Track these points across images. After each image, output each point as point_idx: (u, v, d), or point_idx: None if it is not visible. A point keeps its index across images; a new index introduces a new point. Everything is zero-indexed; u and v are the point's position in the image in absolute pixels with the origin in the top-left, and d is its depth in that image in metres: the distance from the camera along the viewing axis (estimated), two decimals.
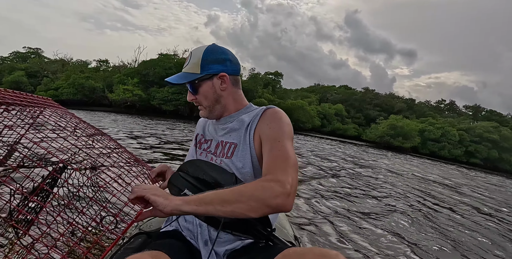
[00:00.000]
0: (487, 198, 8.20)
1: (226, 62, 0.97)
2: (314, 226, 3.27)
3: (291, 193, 0.74)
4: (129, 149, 5.79)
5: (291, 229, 1.40)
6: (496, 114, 49.81)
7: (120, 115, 22.81)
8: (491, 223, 4.98)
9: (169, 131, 13.05)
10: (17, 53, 45.03)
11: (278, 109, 0.97)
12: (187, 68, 0.97)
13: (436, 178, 10.81)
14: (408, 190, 6.88)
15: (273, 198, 0.71)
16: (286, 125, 0.91)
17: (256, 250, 0.87)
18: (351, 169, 8.90)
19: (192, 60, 0.96)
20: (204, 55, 0.95)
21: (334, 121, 43.14)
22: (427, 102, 59.44)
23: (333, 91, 57.81)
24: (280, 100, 34.66)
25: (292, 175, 0.77)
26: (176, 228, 1.01)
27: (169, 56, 34.24)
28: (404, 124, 34.65)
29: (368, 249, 2.91)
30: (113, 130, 10.59)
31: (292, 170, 0.79)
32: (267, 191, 0.72)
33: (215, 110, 1.00)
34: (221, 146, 0.99)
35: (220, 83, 0.96)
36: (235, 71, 1.00)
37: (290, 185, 0.74)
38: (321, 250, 0.64)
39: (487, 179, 16.82)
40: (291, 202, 0.74)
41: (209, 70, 0.95)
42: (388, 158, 17.86)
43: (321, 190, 5.16)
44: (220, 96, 0.98)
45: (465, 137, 35.98)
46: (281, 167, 0.79)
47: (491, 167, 34.89)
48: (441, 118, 43.22)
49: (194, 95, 0.99)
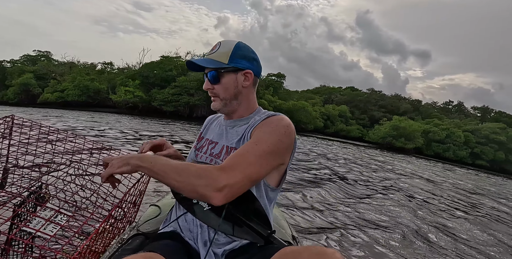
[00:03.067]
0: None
1: (254, 62, 0.98)
2: (312, 226, 3.25)
3: (223, 191, 0.75)
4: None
5: (289, 229, 1.41)
6: (506, 116, 48.71)
7: (121, 116, 23.29)
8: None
9: (167, 130, 13.33)
10: (28, 56, 46.30)
11: (282, 117, 0.94)
12: (214, 55, 0.95)
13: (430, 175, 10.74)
14: (408, 190, 6.85)
15: (202, 187, 0.75)
16: (278, 135, 0.88)
17: (253, 249, 0.88)
18: (338, 168, 8.94)
19: (222, 49, 0.95)
20: (236, 48, 0.95)
21: (337, 122, 42.94)
22: (434, 104, 58.61)
23: (338, 92, 57.55)
24: (281, 102, 34.73)
25: (238, 178, 0.78)
26: (174, 229, 1.01)
27: (170, 58, 34.77)
28: (406, 125, 34.26)
29: (367, 249, 2.89)
30: (111, 128, 10.91)
31: (241, 173, 0.79)
32: (202, 179, 0.76)
33: (231, 105, 0.99)
34: (224, 150, 0.98)
35: (243, 80, 0.97)
36: (258, 73, 1.01)
37: (226, 184, 0.76)
38: (318, 248, 0.64)
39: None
40: (218, 197, 0.75)
41: (237, 63, 0.94)
42: (385, 157, 17.73)
43: (317, 190, 5.10)
44: (239, 92, 0.98)
45: (471, 138, 35.36)
46: (234, 166, 0.80)
47: (498, 169, 34.15)
48: (447, 120, 42.56)
49: (212, 85, 0.97)
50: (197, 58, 1.07)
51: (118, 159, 0.83)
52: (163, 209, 1.34)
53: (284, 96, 38.22)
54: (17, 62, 45.25)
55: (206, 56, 0.98)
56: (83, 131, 9.16)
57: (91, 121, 14.41)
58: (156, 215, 1.28)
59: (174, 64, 33.04)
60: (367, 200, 5.01)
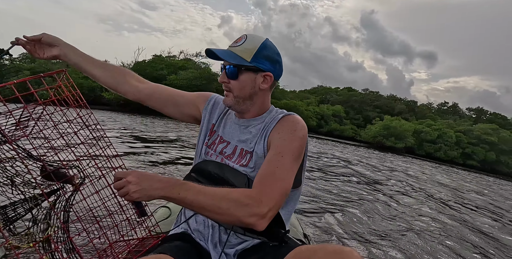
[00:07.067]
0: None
1: (277, 65, 0.94)
2: (324, 223, 3.20)
3: (267, 217, 0.74)
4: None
5: (300, 227, 1.40)
6: (500, 117, 48.82)
7: (112, 113, 23.69)
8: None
9: (147, 126, 13.67)
10: (26, 54, 46.76)
11: (296, 118, 0.93)
12: (237, 49, 0.90)
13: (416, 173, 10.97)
14: (413, 189, 6.93)
15: (247, 217, 0.73)
16: (297, 140, 0.87)
17: (266, 249, 0.87)
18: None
19: (247, 45, 0.90)
20: (261, 47, 0.90)
21: (331, 122, 43.19)
22: (429, 105, 58.80)
23: (335, 92, 57.81)
24: (274, 100, 34.90)
25: (277, 199, 0.77)
26: (185, 230, 0.99)
27: (161, 57, 35.27)
28: (397, 125, 34.55)
29: (384, 247, 2.83)
30: None
31: (278, 193, 0.78)
32: (244, 209, 0.73)
33: (243, 104, 0.95)
34: (237, 152, 0.96)
35: (262, 81, 0.92)
36: (278, 77, 0.96)
37: (269, 209, 0.74)
38: (334, 246, 0.63)
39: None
40: (264, 224, 0.74)
41: (260, 64, 0.90)
42: (369, 156, 17.93)
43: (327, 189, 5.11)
44: (255, 94, 0.94)
45: (463, 138, 35.56)
46: (270, 187, 0.78)
47: (488, 169, 34.29)
48: (441, 120, 42.74)
49: (229, 79, 0.92)
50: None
51: (135, 184, 0.71)
52: (174, 210, 1.33)
53: (278, 96, 38.53)
54: (15, 60, 45.88)
55: (229, 47, 0.93)
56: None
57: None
58: (166, 216, 1.28)
59: (166, 63, 33.52)
60: (366, 199, 4.96)
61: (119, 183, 0.72)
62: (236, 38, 0.95)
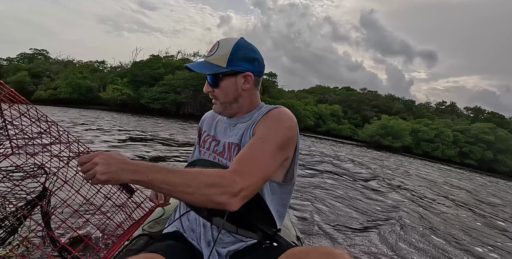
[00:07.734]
0: None
1: (255, 62, 0.93)
2: (317, 226, 3.17)
3: (239, 196, 0.72)
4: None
5: (293, 229, 1.39)
6: (498, 117, 48.98)
7: (109, 113, 23.76)
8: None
9: (143, 126, 13.75)
10: (24, 54, 46.90)
11: (283, 110, 0.92)
12: (212, 58, 0.91)
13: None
14: (410, 190, 6.84)
15: (217, 195, 0.71)
16: (282, 129, 0.85)
17: (259, 250, 0.86)
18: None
19: (220, 51, 0.90)
20: (234, 49, 0.90)
21: (329, 121, 43.31)
22: (427, 104, 58.99)
23: (333, 92, 57.95)
24: (271, 100, 35.14)
25: (252, 180, 0.75)
26: (177, 229, 0.99)
27: (158, 57, 35.38)
28: (394, 124, 34.69)
29: (374, 250, 2.82)
30: (84, 123, 11.30)
31: (254, 175, 0.76)
32: (215, 187, 0.71)
33: (231, 109, 0.96)
34: (228, 148, 0.95)
35: (243, 82, 0.92)
36: (260, 73, 0.96)
37: (241, 188, 0.73)
38: (326, 248, 0.63)
39: None
40: (236, 203, 0.72)
41: (236, 66, 0.90)
42: (363, 155, 18.02)
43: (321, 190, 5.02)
44: (239, 95, 0.94)
45: (460, 137, 35.71)
46: (247, 167, 0.77)
47: (486, 168, 34.44)
48: (438, 120, 42.89)
49: (212, 88, 0.94)
50: (196, 60, 1.06)
51: (103, 165, 0.68)
52: (167, 209, 1.33)
53: (275, 95, 38.64)
54: (13, 60, 45.89)
55: (205, 58, 0.94)
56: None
57: (87, 117, 14.81)
58: (160, 215, 1.28)
59: (163, 63, 33.64)
60: (365, 197, 4.96)
61: (86, 166, 0.69)
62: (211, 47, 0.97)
